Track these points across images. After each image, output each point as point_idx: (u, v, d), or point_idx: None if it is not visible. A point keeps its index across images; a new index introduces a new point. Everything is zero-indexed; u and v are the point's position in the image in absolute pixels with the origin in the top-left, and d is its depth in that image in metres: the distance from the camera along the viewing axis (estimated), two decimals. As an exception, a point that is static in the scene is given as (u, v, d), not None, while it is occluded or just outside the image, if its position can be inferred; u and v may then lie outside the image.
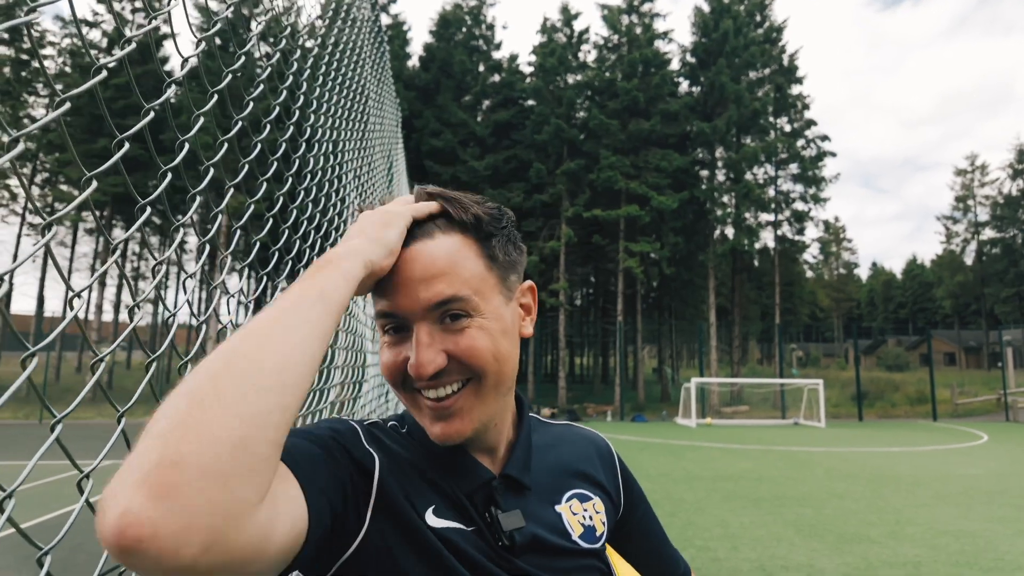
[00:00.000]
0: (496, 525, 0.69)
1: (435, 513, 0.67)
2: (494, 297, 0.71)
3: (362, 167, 2.41)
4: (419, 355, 0.65)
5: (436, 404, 0.68)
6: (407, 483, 0.68)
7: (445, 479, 0.70)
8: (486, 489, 0.71)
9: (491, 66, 33.87)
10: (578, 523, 0.76)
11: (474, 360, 0.67)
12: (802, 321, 48.49)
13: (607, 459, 0.88)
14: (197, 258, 1.27)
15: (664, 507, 7.26)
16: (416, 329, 0.66)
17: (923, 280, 68.01)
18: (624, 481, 0.88)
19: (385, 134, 3.20)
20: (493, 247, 0.72)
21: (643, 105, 28.94)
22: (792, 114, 32.20)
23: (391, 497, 0.66)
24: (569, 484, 0.80)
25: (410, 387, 0.69)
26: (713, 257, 29.16)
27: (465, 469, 0.72)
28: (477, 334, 0.68)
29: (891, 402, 27.42)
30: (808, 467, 10.74)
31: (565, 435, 0.87)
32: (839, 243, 70.79)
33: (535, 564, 0.70)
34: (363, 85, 2.48)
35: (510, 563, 0.68)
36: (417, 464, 0.71)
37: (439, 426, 0.68)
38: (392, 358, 0.69)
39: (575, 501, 0.78)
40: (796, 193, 31.95)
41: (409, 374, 0.67)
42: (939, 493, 8.23)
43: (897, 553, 5.42)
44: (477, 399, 0.69)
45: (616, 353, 28.51)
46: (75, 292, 0.80)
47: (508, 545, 0.68)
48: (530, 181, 29.29)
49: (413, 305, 0.66)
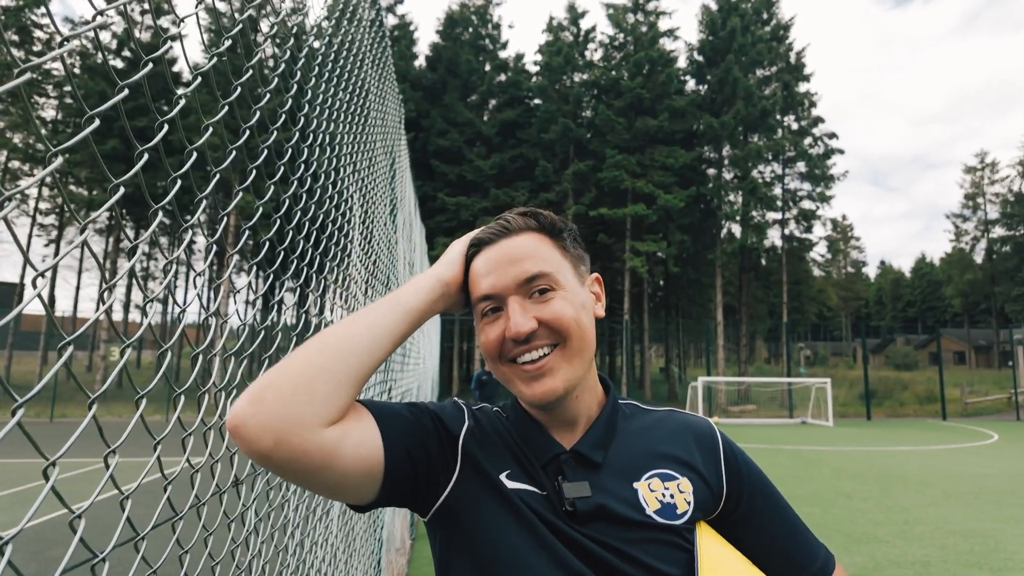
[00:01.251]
0: (560, 493, 0.78)
1: (509, 477, 0.81)
2: (571, 278, 0.85)
3: (362, 161, 2.43)
4: (514, 319, 0.79)
5: (530, 367, 0.80)
6: (490, 450, 0.83)
7: (525, 451, 0.84)
8: (556, 461, 0.82)
9: (497, 65, 33.86)
10: (655, 499, 0.80)
11: (561, 323, 0.80)
12: (810, 320, 48.20)
13: (707, 444, 0.89)
14: (205, 257, 1.28)
15: (671, 506, 7.26)
16: (509, 302, 0.81)
17: (932, 279, 67.53)
18: (728, 468, 0.88)
19: (387, 130, 3.22)
20: (564, 240, 0.88)
21: (649, 103, 28.86)
22: (799, 112, 32.03)
23: (473, 459, 0.82)
24: (654, 464, 0.84)
25: (507, 359, 0.82)
26: (721, 256, 29.03)
27: (542, 443, 0.84)
28: (561, 303, 0.81)
29: (900, 401, 27.23)
30: (816, 466, 10.69)
31: (665, 420, 0.92)
32: (847, 241, 70.41)
33: (602, 532, 0.77)
34: (364, 81, 2.49)
35: (573, 528, 0.77)
36: (505, 438, 0.86)
37: (534, 386, 0.80)
38: (491, 334, 0.82)
39: (655, 480, 0.82)
40: (803, 191, 31.80)
41: (506, 346, 0.81)
42: (948, 492, 8.18)
43: (906, 553, 5.39)
44: (564, 361, 0.81)
45: (623, 352, 28.47)
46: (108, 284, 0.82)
47: (571, 511, 0.77)
48: (536, 180, 29.28)
49: (505, 282, 0.81)
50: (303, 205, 1.82)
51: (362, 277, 2.44)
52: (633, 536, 0.77)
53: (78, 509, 0.76)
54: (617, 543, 0.76)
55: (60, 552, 5.38)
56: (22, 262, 31.00)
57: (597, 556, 0.75)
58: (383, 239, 2.93)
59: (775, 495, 0.92)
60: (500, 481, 0.80)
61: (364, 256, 2.44)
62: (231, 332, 1.34)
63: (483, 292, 0.83)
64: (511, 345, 0.80)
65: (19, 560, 0.67)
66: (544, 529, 0.77)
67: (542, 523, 0.77)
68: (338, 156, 2.29)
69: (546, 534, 0.76)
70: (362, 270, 2.43)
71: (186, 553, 1.07)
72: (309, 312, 1.96)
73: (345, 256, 2.49)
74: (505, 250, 0.84)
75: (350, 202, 2.39)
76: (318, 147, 1.97)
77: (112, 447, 0.83)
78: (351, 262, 2.63)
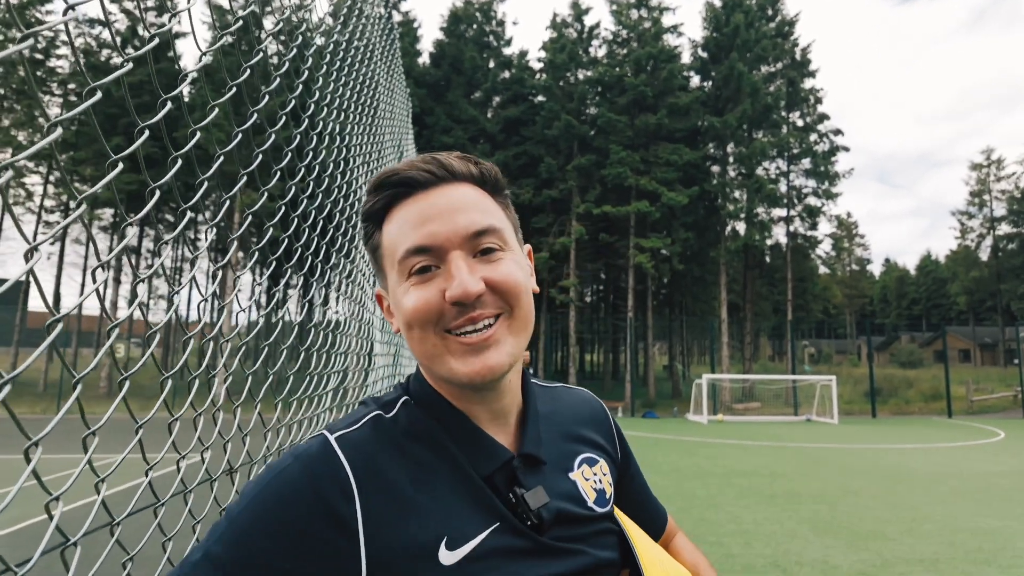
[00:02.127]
0: (523, 505, 0.66)
1: (448, 546, 0.62)
2: (515, 241, 0.73)
3: (371, 154, 2.41)
4: (461, 277, 0.64)
5: (473, 337, 0.65)
6: (405, 526, 0.62)
7: (462, 465, 0.67)
8: (507, 470, 0.68)
9: (501, 62, 33.80)
10: (591, 488, 0.75)
11: (511, 288, 0.67)
12: (814, 318, 48.07)
13: (603, 419, 0.88)
14: (209, 254, 1.27)
15: (676, 502, 7.23)
16: (452, 258, 0.65)
17: (937, 276, 67.24)
18: (619, 438, 0.89)
19: (395, 123, 3.20)
20: (506, 199, 0.75)
21: (652, 100, 28.77)
22: (805, 108, 31.89)
23: (387, 569, 0.60)
24: (577, 450, 0.79)
25: (442, 329, 0.65)
26: (725, 253, 28.95)
27: (484, 449, 0.69)
28: (512, 265, 0.68)
29: (905, 399, 27.14)
30: (822, 464, 10.65)
31: (563, 398, 0.86)
32: (852, 239, 70.15)
33: (558, 537, 0.68)
34: (374, 73, 2.47)
35: (539, 543, 0.66)
36: (423, 467, 0.66)
37: (474, 361, 0.64)
38: (424, 295, 0.65)
39: (585, 467, 0.77)
40: (808, 188, 31.67)
41: (447, 313, 0.65)
42: (956, 490, 8.13)
43: (914, 550, 5.36)
44: (511, 333, 0.67)
45: (627, 349, 28.43)
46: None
47: (536, 524, 0.66)
48: (540, 177, 29.23)
49: (450, 232, 0.66)
50: (309, 192, 1.80)
51: (370, 269, 2.42)
52: (583, 532, 0.71)
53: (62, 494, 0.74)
54: (571, 544, 0.69)
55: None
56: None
57: (571, 557, 0.68)
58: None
59: (634, 457, 0.93)
60: (436, 568, 0.61)
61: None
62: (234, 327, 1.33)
63: (415, 243, 0.66)
64: (454, 312, 0.64)
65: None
66: (527, 566, 0.64)
67: (508, 567, 0.63)
68: (348, 147, 2.27)
69: (527, 565, 0.64)
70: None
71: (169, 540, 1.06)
72: (315, 304, 1.94)
73: (353, 247, 2.47)
74: (447, 197, 0.68)
75: (359, 193, 2.38)
76: (328, 135, 1.95)
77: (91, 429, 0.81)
78: (359, 254, 2.61)
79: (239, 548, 0.58)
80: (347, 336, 2.51)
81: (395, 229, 0.69)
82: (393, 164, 0.72)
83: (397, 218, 0.69)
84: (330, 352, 2.10)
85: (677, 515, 6.62)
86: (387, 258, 0.70)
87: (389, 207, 0.70)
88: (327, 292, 2.47)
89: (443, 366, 0.66)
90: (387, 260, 0.70)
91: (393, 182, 0.69)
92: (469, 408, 0.70)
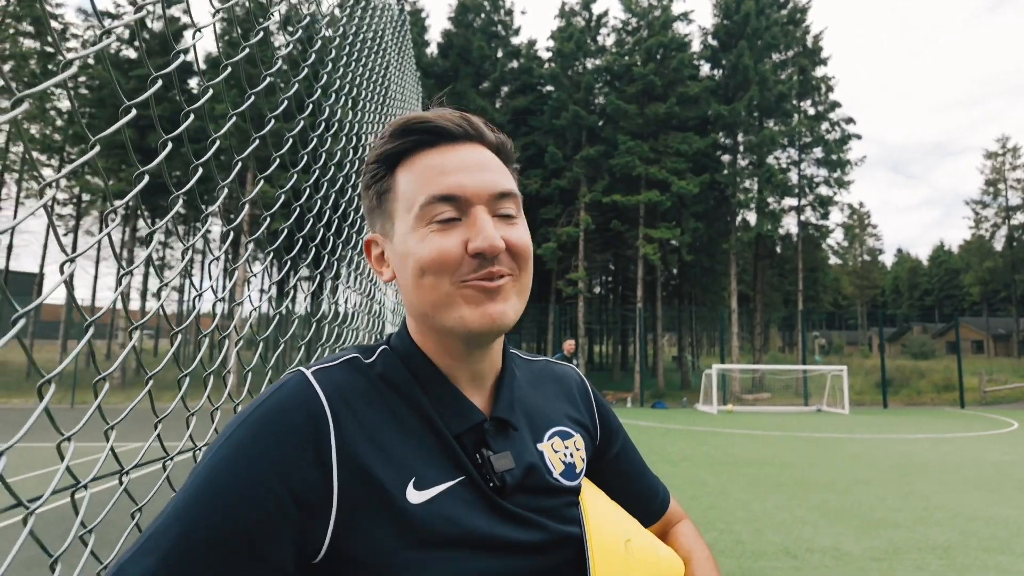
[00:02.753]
0: (488, 467, 0.67)
1: (416, 486, 0.62)
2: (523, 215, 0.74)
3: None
4: (487, 231, 0.65)
5: (488, 283, 0.66)
6: (378, 462, 0.62)
7: (433, 420, 0.67)
8: (478, 431, 0.69)
9: (509, 52, 33.64)
10: (559, 461, 0.75)
11: (524, 252, 0.69)
12: (825, 308, 47.76)
13: (583, 394, 0.88)
14: (221, 245, 1.27)
15: (686, 491, 7.23)
16: (478, 211, 0.66)
17: (950, 267, 66.55)
18: (600, 414, 0.88)
19: (407, 107, 3.20)
20: (515, 172, 0.77)
21: (661, 89, 28.55)
22: (816, 97, 31.55)
23: (357, 499, 0.60)
24: (550, 422, 0.79)
25: (458, 279, 0.66)
26: (735, 243, 28.77)
27: (458, 408, 0.69)
28: (524, 231, 0.71)
29: (917, 389, 26.95)
30: (832, 453, 10.61)
31: (545, 372, 0.87)
32: (863, 229, 69.51)
33: (520, 504, 0.68)
34: (385, 54, 2.47)
35: (500, 506, 0.67)
36: (396, 414, 0.67)
37: (488, 306, 0.66)
38: (445, 243, 0.65)
39: (556, 439, 0.77)
40: (820, 177, 31.39)
41: (465, 264, 0.66)
42: (968, 479, 8.08)
43: (926, 538, 5.33)
44: (516, 294, 0.69)
45: (636, 340, 28.39)
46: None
47: (499, 487, 0.67)
48: (547, 167, 29.13)
49: (478, 187, 0.67)
50: (315, 181, 1.80)
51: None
52: (546, 503, 0.71)
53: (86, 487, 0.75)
54: (531, 514, 0.69)
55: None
56: (42, 252, 31.45)
57: (529, 525, 0.68)
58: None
59: (626, 435, 0.92)
60: (403, 504, 0.61)
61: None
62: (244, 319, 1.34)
63: (443, 191, 0.66)
64: (473, 264, 0.65)
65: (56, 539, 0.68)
66: (474, 525, 0.64)
67: (459, 530, 0.63)
68: (358, 135, 2.27)
69: (476, 530, 0.64)
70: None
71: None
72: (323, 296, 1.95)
73: (361, 239, 2.47)
74: (474, 156, 0.69)
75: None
76: (336, 122, 1.95)
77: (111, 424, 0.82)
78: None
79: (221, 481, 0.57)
80: (355, 331, 2.53)
81: (417, 175, 0.68)
82: (416, 111, 0.72)
83: (420, 164, 0.69)
84: (335, 347, 2.11)
85: (687, 503, 6.62)
86: (400, 202, 0.70)
87: (410, 151, 0.70)
88: (336, 285, 2.47)
89: (452, 313, 0.66)
90: (400, 204, 0.70)
91: (423, 128, 0.69)
92: (449, 367, 0.71)
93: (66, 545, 0.76)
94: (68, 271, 0.73)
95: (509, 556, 0.65)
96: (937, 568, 4.55)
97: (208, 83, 1.10)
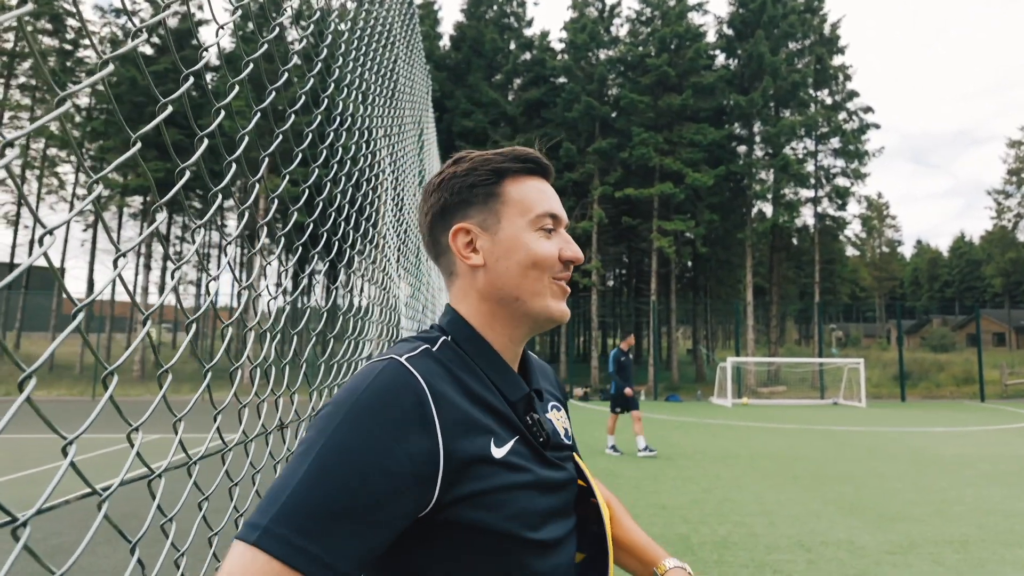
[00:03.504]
0: (538, 426, 0.86)
1: (496, 444, 0.78)
2: None
3: (392, 126, 2.42)
4: (574, 246, 0.90)
5: (567, 287, 0.90)
6: (471, 427, 0.76)
7: (495, 391, 0.84)
8: (527, 399, 0.87)
9: (522, 44, 33.49)
10: (561, 426, 0.96)
11: (577, 265, 0.91)
12: (842, 301, 47.20)
13: (556, 380, 1.11)
14: (239, 240, 1.29)
15: (700, 483, 7.23)
16: (563, 232, 0.91)
17: (971, 258, 65.49)
18: (565, 400, 1.10)
19: (416, 100, 3.21)
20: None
21: (675, 80, 28.29)
22: (833, 86, 31.09)
23: (461, 459, 0.73)
24: (548, 397, 1.00)
25: (551, 276, 0.87)
26: (751, 235, 28.51)
27: (511, 381, 0.86)
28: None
29: (936, 383, 26.59)
30: (848, 446, 10.54)
31: (533, 360, 1.04)
32: (882, 220, 68.53)
33: (552, 455, 0.88)
34: (393, 46, 2.48)
35: (545, 457, 0.85)
36: (474, 382, 0.82)
37: (564, 303, 0.90)
38: (553, 248, 0.88)
39: (554, 410, 0.98)
40: (837, 168, 30.98)
41: (557, 265, 0.88)
42: (987, 473, 7.99)
43: (942, 532, 5.29)
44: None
45: (650, 333, 28.29)
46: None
47: (544, 440, 0.86)
48: (560, 160, 29.02)
49: (563, 213, 0.92)
50: (332, 175, 1.83)
51: (394, 244, 2.44)
52: (560, 456, 0.90)
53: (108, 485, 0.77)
54: (560, 461, 0.89)
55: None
56: (62, 248, 31.96)
57: (560, 471, 0.88)
58: (413, 208, 2.93)
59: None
60: (491, 459, 0.76)
61: (396, 224, 2.44)
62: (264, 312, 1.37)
63: (553, 210, 0.89)
64: (561, 267, 0.88)
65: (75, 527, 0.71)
66: (535, 471, 0.82)
67: (532, 467, 0.81)
68: (369, 129, 2.29)
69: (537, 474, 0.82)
70: (393, 237, 2.44)
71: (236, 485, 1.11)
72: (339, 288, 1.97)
73: (376, 233, 2.50)
74: (551, 188, 0.93)
75: (380, 177, 2.39)
76: (349, 116, 1.97)
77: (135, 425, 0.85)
78: (382, 239, 2.64)
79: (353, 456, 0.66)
80: (372, 322, 2.55)
81: (527, 191, 0.89)
82: (522, 148, 0.92)
83: (530, 185, 0.90)
84: (358, 340, 2.14)
85: (701, 496, 6.62)
86: (513, 206, 0.88)
87: (519, 174, 0.90)
88: (351, 277, 2.50)
89: (541, 302, 0.87)
90: (511, 208, 0.88)
91: (536, 160, 0.91)
92: (504, 348, 0.88)
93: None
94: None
95: (554, 494, 0.85)
96: (953, 562, 4.52)
97: (233, 80, 1.12)
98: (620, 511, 1.11)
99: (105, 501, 0.75)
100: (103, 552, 4.61)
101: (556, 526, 0.83)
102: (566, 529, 0.86)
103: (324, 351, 1.91)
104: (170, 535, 0.94)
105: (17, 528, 0.59)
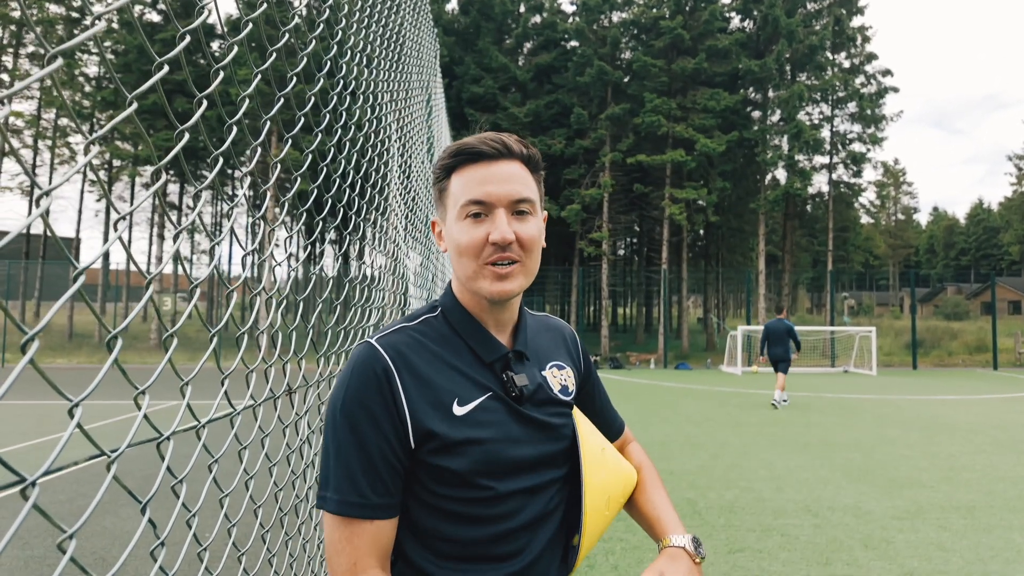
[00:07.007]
0: (512, 383, 0.98)
1: (459, 404, 0.94)
2: (540, 208, 1.02)
3: (398, 92, 2.38)
4: (501, 227, 0.93)
5: (500, 270, 0.94)
6: (434, 391, 0.93)
7: (474, 352, 0.98)
8: (504, 359, 1.00)
9: (532, 6, 32.69)
10: (557, 383, 1.07)
11: (530, 244, 0.96)
12: (855, 269, 46.70)
13: (571, 340, 1.20)
14: (249, 209, 1.28)
15: (708, 449, 7.29)
16: (499, 213, 0.94)
17: (988, 225, 64.36)
18: (583, 358, 1.20)
19: (423, 65, 3.15)
20: (541, 176, 1.03)
21: (690, 43, 27.61)
22: (851, 48, 30.23)
23: (422, 417, 0.91)
24: (550, 357, 1.10)
25: (482, 261, 0.94)
26: (764, 203, 28.11)
27: (490, 344, 1.00)
28: (534, 228, 0.98)
29: (948, 351, 26.42)
30: (858, 414, 10.55)
31: (545, 322, 1.18)
32: (898, 187, 67.35)
33: (532, 411, 0.99)
34: (400, 8, 2.42)
35: (518, 411, 0.97)
36: (447, 351, 0.98)
37: (498, 284, 0.95)
38: (476, 234, 0.94)
39: (554, 369, 1.09)
40: (853, 133, 30.32)
41: (486, 250, 0.93)
42: (997, 440, 7.99)
43: (950, 498, 5.32)
44: (522, 274, 0.97)
45: (660, 302, 28.24)
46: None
47: (518, 396, 0.98)
48: (571, 127, 28.60)
49: (501, 195, 0.94)
50: (336, 140, 1.80)
51: (401, 212, 2.42)
52: (548, 410, 1.02)
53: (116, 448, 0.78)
54: (542, 416, 1.00)
55: (135, 482, 5.69)
56: (77, 218, 32.19)
57: (538, 424, 1.00)
58: (421, 176, 2.90)
59: (598, 377, 1.25)
60: (451, 417, 0.92)
61: (403, 191, 2.42)
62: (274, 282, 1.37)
63: (476, 197, 0.94)
64: (491, 250, 0.93)
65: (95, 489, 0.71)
66: (502, 424, 0.95)
67: (493, 431, 0.94)
68: (375, 94, 2.25)
69: (504, 427, 0.95)
70: (401, 205, 2.42)
71: (244, 448, 1.12)
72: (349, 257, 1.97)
73: (383, 201, 2.47)
74: (503, 168, 0.96)
75: (387, 144, 2.36)
76: (353, 80, 1.93)
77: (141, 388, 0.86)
78: (389, 206, 2.62)
79: (353, 416, 0.91)
80: (380, 291, 2.55)
81: (462, 182, 0.96)
82: (471, 138, 0.98)
83: (465, 174, 0.96)
84: (366, 307, 2.14)
85: (709, 462, 6.68)
86: (451, 199, 0.98)
87: (460, 166, 0.98)
88: (362, 246, 2.50)
89: (477, 284, 0.96)
90: (450, 201, 0.98)
91: (466, 151, 0.97)
92: (482, 316, 1.01)
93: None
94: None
95: (526, 445, 0.97)
96: (960, 527, 4.55)
97: (232, 40, 1.10)
98: (648, 478, 1.18)
99: (114, 463, 0.76)
100: (125, 514, 4.75)
101: (531, 475, 0.97)
102: (544, 478, 0.99)
103: (332, 318, 1.91)
104: (181, 496, 0.96)
105: (26, 488, 0.59)
